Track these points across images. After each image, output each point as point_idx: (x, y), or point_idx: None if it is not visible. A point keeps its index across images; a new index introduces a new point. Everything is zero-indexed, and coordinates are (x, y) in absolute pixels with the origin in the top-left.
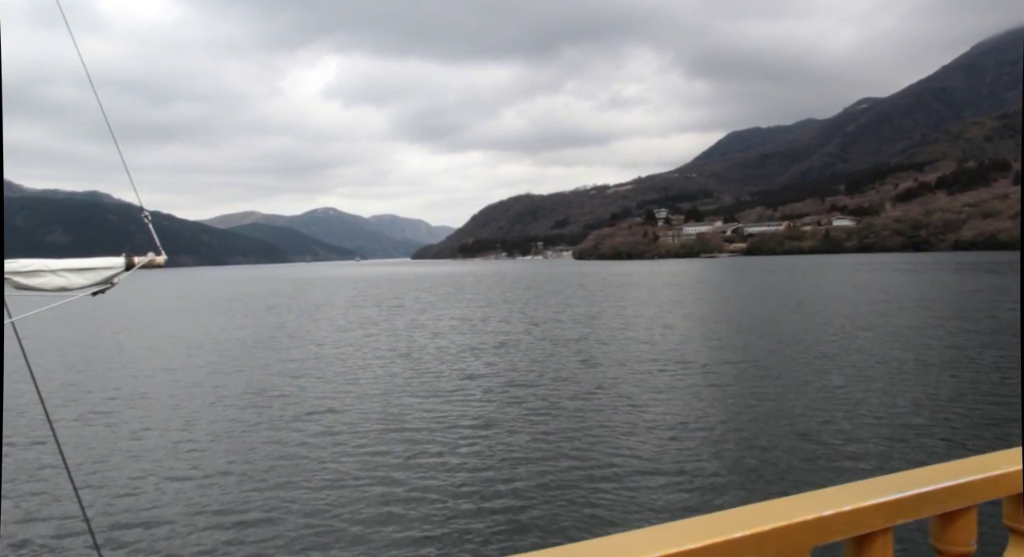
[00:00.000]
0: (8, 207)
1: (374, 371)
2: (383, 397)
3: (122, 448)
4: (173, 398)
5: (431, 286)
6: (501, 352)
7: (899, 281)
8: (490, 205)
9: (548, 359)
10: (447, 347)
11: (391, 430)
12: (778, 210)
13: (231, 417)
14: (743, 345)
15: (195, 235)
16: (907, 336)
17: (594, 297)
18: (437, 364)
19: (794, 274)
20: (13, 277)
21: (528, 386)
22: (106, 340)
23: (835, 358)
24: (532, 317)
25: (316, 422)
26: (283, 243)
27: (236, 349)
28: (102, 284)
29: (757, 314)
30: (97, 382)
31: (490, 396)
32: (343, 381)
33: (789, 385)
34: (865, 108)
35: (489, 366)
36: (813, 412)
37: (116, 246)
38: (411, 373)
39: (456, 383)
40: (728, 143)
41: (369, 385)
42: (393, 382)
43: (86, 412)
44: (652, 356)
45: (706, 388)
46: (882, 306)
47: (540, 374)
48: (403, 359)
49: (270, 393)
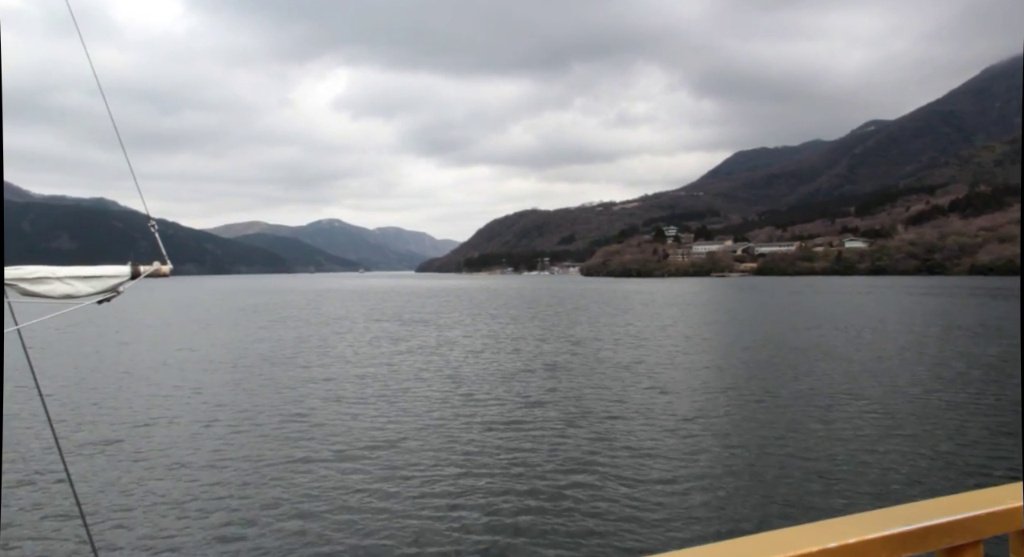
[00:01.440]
0: (15, 212)
1: (419, 394)
2: (438, 427)
3: (129, 468)
4: (192, 419)
5: (447, 300)
6: (554, 375)
7: (920, 305)
8: (495, 219)
9: (610, 385)
10: (491, 367)
11: (453, 465)
12: (787, 230)
13: (263, 446)
14: (763, 368)
15: (199, 244)
16: (927, 361)
17: (624, 315)
18: (488, 387)
19: (812, 295)
20: (19, 283)
21: (601, 418)
22: (117, 353)
23: (852, 382)
24: (569, 335)
25: (367, 456)
26: (287, 253)
27: (258, 365)
28: (108, 292)
29: (787, 337)
30: (108, 400)
31: (562, 428)
32: (388, 406)
33: (801, 410)
34: (873, 130)
35: (549, 391)
36: (822, 439)
37: (121, 253)
38: (461, 398)
39: (518, 410)
40: (735, 163)
41: (418, 411)
42: (444, 408)
43: (95, 432)
44: (728, 383)
45: (732, 412)
46: (907, 330)
47: (607, 402)
48: (447, 381)
49: (308, 418)
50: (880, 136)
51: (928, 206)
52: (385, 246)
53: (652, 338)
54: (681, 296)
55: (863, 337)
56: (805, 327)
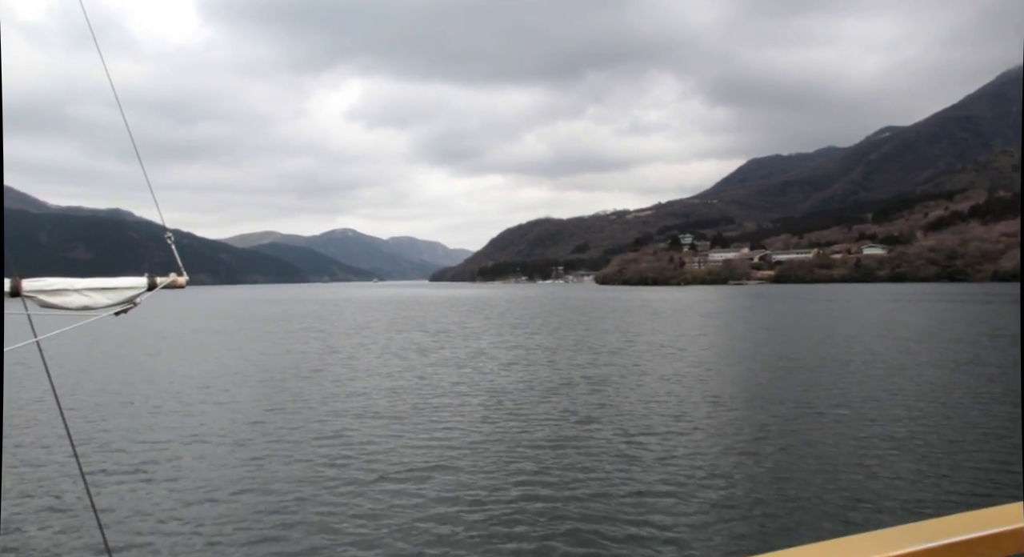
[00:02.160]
0: (32, 223)
1: (459, 410)
2: (486, 446)
3: (154, 490)
4: (220, 437)
5: (467, 310)
6: (599, 389)
7: (954, 313)
8: (509, 228)
9: (664, 399)
10: (530, 380)
11: (509, 487)
12: (804, 238)
13: (298, 468)
14: (815, 380)
15: (214, 253)
16: (953, 371)
17: (651, 324)
18: (532, 402)
19: (838, 303)
20: (38, 295)
21: (663, 435)
22: (138, 366)
23: (876, 396)
24: (602, 346)
25: (413, 478)
26: (301, 263)
27: (287, 379)
28: (125, 304)
29: (827, 347)
30: (130, 419)
31: (622, 448)
32: (428, 423)
33: (825, 423)
34: (888, 136)
35: (599, 407)
36: (835, 456)
37: (136, 263)
38: (506, 414)
39: (569, 428)
40: (749, 170)
41: (461, 428)
42: (489, 425)
43: (117, 455)
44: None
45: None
46: (955, 339)
47: (664, 418)
48: (486, 395)
49: (344, 437)
50: (895, 142)
51: (947, 212)
52: (399, 255)
53: (688, 348)
54: (703, 304)
55: (907, 347)
56: (843, 336)
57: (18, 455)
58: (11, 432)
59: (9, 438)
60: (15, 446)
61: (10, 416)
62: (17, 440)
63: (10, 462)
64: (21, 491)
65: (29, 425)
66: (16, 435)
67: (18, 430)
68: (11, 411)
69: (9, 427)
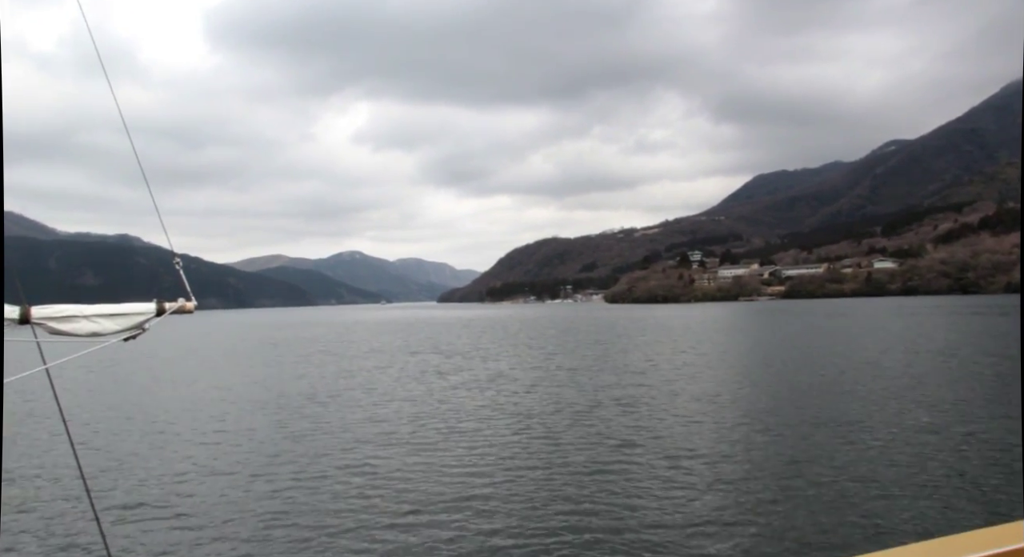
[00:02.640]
0: (41, 250)
1: (489, 436)
2: (523, 476)
3: (166, 524)
4: (236, 469)
5: (480, 330)
6: (630, 410)
7: (968, 325)
8: (516, 248)
9: (700, 420)
10: (557, 403)
11: (553, 518)
12: (813, 252)
13: (323, 504)
14: (849, 399)
15: (222, 278)
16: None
17: (670, 342)
18: (563, 426)
19: (854, 318)
20: (48, 322)
21: (712, 461)
22: (149, 392)
23: (900, 412)
24: (624, 366)
25: (449, 514)
26: (309, 286)
27: (303, 405)
28: (133, 329)
29: (857, 364)
30: (142, 449)
31: (671, 474)
32: (458, 450)
33: (839, 440)
34: (893, 150)
35: (636, 429)
36: (845, 472)
37: (144, 288)
38: (539, 440)
39: (608, 454)
40: (755, 186)
41: (495, 455)
42: (523, 452)
43: (128, 489)
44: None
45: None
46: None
47: (707, 441)
48: (514, 419)
49: (369, 467)
50: (901, 156)
51: (957, 224)
52: (406, 277)
53: (715, 367)
54: (717, 322)
55: (936, 362)
56: (871, 352)
57: (26, 484)
58: (21, 459)
59: (18, 465)
60: (22, 477)
61: (20, 443)
62: (25, 470)
63: (19, 486)
64: (29, 521)
65: (38, 455)
66: (25, 463)
67: (27, 459)
68: (20, 438)
69: (19, 455)
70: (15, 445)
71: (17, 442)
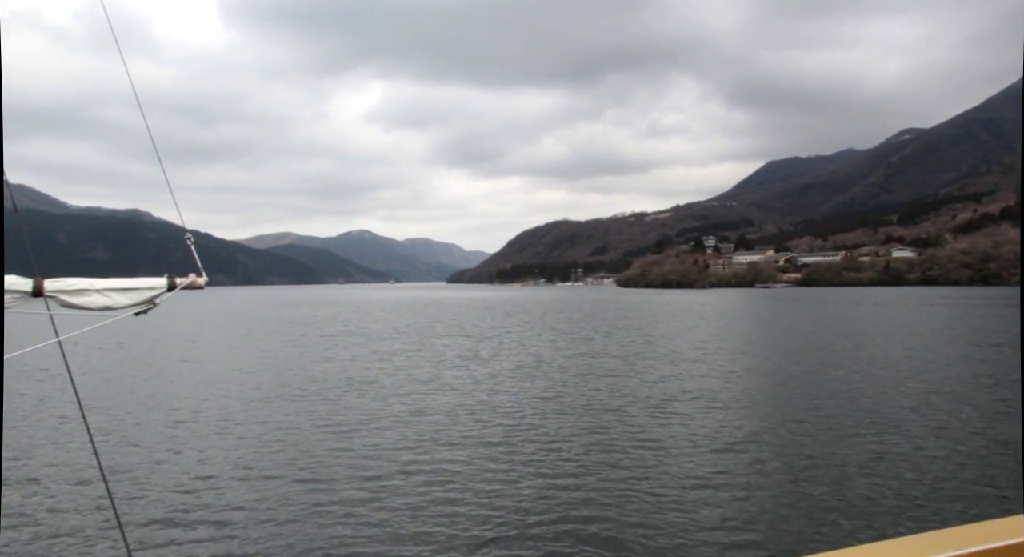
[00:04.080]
0: (52, 224)
1: (568, 436)
2: (631, 482)
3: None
4: (263, 471)
5: (502, 313)
6: (721, 408)
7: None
8: (527, 230)
9: (811, 419)
10: (628, 395)
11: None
12: (828, 240)
13: (386, 518)
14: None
15: (232, 255)
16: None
17: (706, 329)
18: (656, 424)
19: (887, 307)
20: (60, 295)
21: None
22: (173, 370)
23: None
24: (676, 354)
25: (522, 537)
26: (318, 264)
27: (342, 392)
28: (145, 304)
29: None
30: (163, 432)
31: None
32: (538, 454)
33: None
34: (908, 139)
35: (734, 431)
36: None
37: (155, 263)
38: (630, 441)
39: (721, 458)
40: (767, 172)
41: (585, 461)
42: (622, 457)
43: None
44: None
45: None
46: None
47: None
48: (589, 415)
49: (433, 468)
50: (917, 144)
51: (977, 214)
52: (415, 257)
53: (778, 357)
54: (742, 308)
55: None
56: (917, 343)
57: (37, 456)
58: (31, 431)
59: (29, 437)
60: (34, 446)
61: (30, 415)
62: (36, 441)
63: (28, 462)
64: (39, 492)
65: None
66: (35, 435)
67: (38, 430)
68: (31, 410)
69: (28, 426)
70: (27, 420)
71: (30, 420)
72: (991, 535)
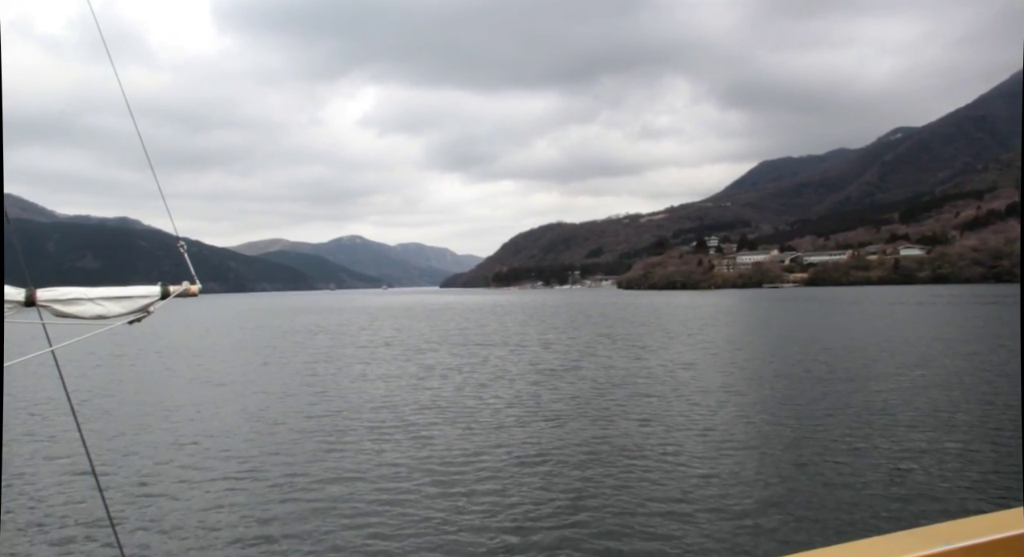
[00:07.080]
0: (40, 232)
1: (588, 454)
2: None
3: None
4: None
5: (506, 317)
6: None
7: None
8: (521, 233)
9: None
10: (690, 409)
11: None
12: (830, 239)
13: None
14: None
15: (223, 262)
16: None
17: (742, 334)
18: (754, 453)
19: (908, 306)
20: (53, 305)
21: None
22: (164, 376)
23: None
24: (733, 363)
25: None
26: (309, 270)
27: (350, 415)
28: (139, 312)
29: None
30: (159, 459)
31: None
32: (571, 480)
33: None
34: (900, 138)
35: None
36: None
37: (146, 272)
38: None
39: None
40: (759, 173)
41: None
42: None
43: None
44: None
45: None
46: None
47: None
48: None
49: (445, 498)
50: (910, 143)
51: (982, 211)
52: (406, 262)
53: (804, 362)
54: (756, 309)
55: None
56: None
57: (31, 468)
58: (25, 440)
59: (23, 446)
60: (30, 454)
61: (24, 425)
62: (31, 451)
63: (23, 471)
64: (35, 502)
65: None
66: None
67: (33, 440)
68: (25, 420)
69: (22, 435)
70: (22, 424)
71: (25, 422)
72: (991, 527)
